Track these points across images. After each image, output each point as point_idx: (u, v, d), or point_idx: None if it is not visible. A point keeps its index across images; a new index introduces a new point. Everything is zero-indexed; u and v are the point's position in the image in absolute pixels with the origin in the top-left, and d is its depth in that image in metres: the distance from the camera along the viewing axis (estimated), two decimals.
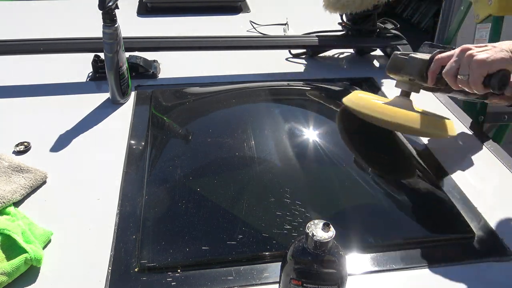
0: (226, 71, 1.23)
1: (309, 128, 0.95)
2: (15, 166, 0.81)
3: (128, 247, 0.69)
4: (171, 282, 0.64)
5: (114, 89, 1.04)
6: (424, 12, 5.24)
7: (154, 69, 1.19)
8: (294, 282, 0.54)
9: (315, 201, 0.78)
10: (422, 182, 0.85)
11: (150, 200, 0.77)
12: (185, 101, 1.06)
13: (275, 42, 1.27)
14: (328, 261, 0.53)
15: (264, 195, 0.78)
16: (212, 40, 1.23)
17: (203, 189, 0.79)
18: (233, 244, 0.69)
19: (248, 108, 1.05)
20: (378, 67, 1.31)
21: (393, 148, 0.95)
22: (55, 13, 1.60)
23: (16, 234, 0.65)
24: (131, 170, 0.84)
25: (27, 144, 0.90)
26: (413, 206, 0.79)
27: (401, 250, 0.70)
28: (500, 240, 0.73)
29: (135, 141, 0.93)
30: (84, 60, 1.18)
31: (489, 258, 0.70)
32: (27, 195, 0.78)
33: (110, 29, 0.97)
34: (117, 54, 1.00)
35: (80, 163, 0.87)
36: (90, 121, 0.99)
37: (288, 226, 0.72)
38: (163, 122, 0.98)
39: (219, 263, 0.67)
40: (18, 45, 1.16)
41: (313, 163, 0.86)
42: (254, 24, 1.53)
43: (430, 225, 0.75)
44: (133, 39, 1.17)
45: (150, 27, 1.50)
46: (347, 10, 1.23)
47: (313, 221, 0.53)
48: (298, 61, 1.32)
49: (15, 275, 0.62)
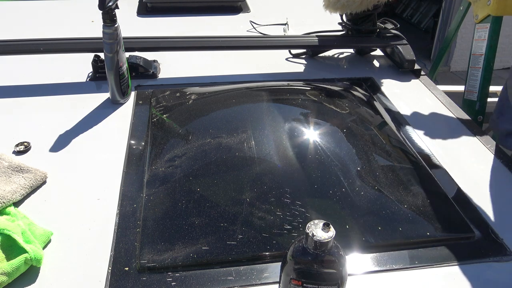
0: (226, 71, 1.23)
1: (309, 128, 0.95)
2: (15, 166, 0.81)
3: (128, 247, 0.69)
4: (171, 282, 0.64)
5: (114, 89, 1.04)
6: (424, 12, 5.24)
7: (154, 69, 1.19)
8: (294, 282, 0.54)
9: (315, 201, 0.78)
10: (422, 182, 0.85)
11: (150, 200, 0.77)
12: (185, 101, 1.06)
13: (275, 42, 1.27)
14: (328, 261, 0.53)
15: (264, 195, 0.78)
16: (212, 40, 1.23)
17: (203, 189, 0.79)
18: (233, 244, 0.69)
19: (248, 108, 1.04)
20: (378, 67, 1.31)
21: (393, 148, 0.95)
22: (55, 13, 1.60)
23: (16, 234, 0.65)
24: (131, 170, 0.84)
25: (27, 144, 0.90)
26: (413, 206, 0.79)
27: (401, 250, 0.71)
28: (500, 240, 0.73)
29: (135, 141, 0.93)
30: (84, 60, 1.18)
31: (489, 258, 0.70)
32: (27, 195, 0.78)
33: (110, 29, 0.97)
34: (117, 54, 1.00)
35: (80, 163, 0.87)
36: (90, 121, 0.99)
37: (288, 226, 0.72)
38: (163, 122, 0.98)
39: (219, 263, 0.67)
40: (18, 45, 1.16)
41: (313, 163, 0.86)
42: (254, 24, 1.53)
43: (430, 225, 0.76)
44: (133, 39, 1.17)
45: (150, 27, 1.50)
46: (347, 10, 1.23)
47: (313, 221, 0.53)
48: (298, 61, 1.32)
49: (15, 275, 0.63)
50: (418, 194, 0.82)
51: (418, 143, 0.96)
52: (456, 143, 0.96)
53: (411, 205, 0.79)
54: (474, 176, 0.87)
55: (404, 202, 0.79)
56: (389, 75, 1.24)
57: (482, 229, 0.75)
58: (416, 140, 0.97)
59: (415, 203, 0.80)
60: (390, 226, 0.74)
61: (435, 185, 0.84)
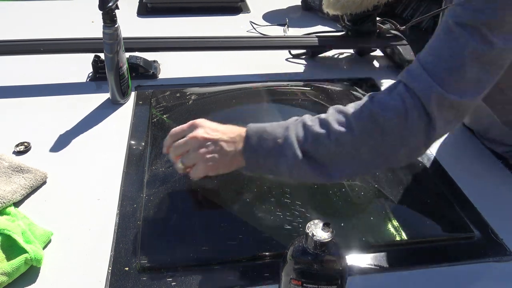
0: (226, 72, 1.23)
1: None
2: (15, 166, 0.81)
3: (128, 247, 0.69)
4: (171, 282, 0.64)
5: (114, 89, 1.04)
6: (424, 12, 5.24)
7: (154, 70, 1.19)
8: (294, 282, 0.54)
9: (315, 201, 0.78)
10: (422, 182, 0.85)
11: (150, 200, 0.77)
12: (185, 102, 1.06)
13: (275, 42, 1.27)
14: (328, 261, 0.53)
15: (264, 195, 0.78)
16: (212, 41, 1.23)
17: (203, 189, 0.79)
18: (233, 244, 0.69)
19: (248, 109, 1.04)
20: (378, 67, 1.31)
21: None
22: (55, 13, 1.60)
23: (16, 234, 0.65)
24: (131, 170, 0.84)
25: (27, 144, 0.90)
26: (413, 206, 0.79)
27: (401, 250, 0.71)
28: (500, 240, 0.73)
29: (135, 141, 0.93)
30: (84, 60, 1.18)
31: (489, 258, 0.70)
32: (27, 195, 0.78)
33: (110, 29, 0.97)
34: (117, 54, 1.00)
35: (80, 163, 0.87)
36: (90, 121, 0.99)
37: (288, 226, 0.72)
38: (163, 123, 0.98)
39: (219, 263, 0.67)
40: (18, 45, 1.16)
41: None
42: (254, 25, 1.53)
43: (430, 225, 0.76)
44: (133, 40, 1.17)
45: (150, 27, 1.50)
46: (347, 10, 1.23)
47: (313, 221, 0.53)
48: (298, 61, 1.32)
49: (15, 275, 0.63)
50: (417, 194, 0.82)
51: None
52: (455, 143, 0.96)
53: (411, 205, 0.79)
54: (474, 176, 0.87)
55: (403, 202, 0.79)
56: (389, 75, 1.24)
57: (482, 229, 0.75)
58: None
59: (415, 203, 0.80)
60: (390, 226, 0.74)
61: (435, 185, 0.84)
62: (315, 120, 0.67)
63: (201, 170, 0.70)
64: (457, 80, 0.62)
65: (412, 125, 0.62)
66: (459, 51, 0.61)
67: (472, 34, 0.60)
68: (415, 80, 0.63)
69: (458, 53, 0.61)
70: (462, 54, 0.61)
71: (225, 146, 0.69)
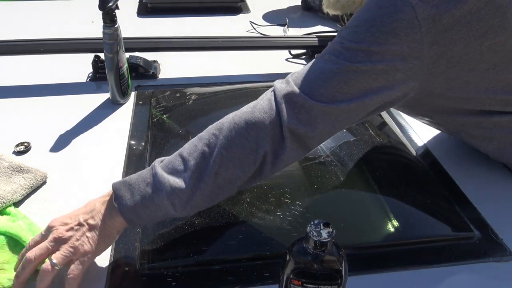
0: (226, 72, 1.23)
1: None
2: (15, 166, 0.81)
3: (128, 247, 0.69)
4: (171, 282, 0.64)
5: (114, 89, 1.04)
6: None
7: (154, 70, 1.19)
8: (294, 282, 0.54)
9: (315, 201, 0.78)
10: (422, 182, 0.85)
11: None
12: (185, 102, 1.06)
13: (275, 42, 1.27)
14: (328, 261, 0.53)
15: (264, 195, 0.78)
16: (212, 41, 1.23)
17: None
18: (233, 244, 0.69)
19: None
20: None
21: (392, 148, 0.95)
22: (55, 13, 1.60)
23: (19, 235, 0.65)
24: (131, 170, 0.84)
25: (27, 144, 0.90)
26: (413, 206, 0.79)
27: (401, 250, 0.71)
28: (500, 240, 0.73)
29: (135, 141, 0.93)
30: (84, 60, 1.18)
31: (489, 258, 0.70)
32: (27, 195, 0.78)
33: (110, 29, 0.97)
34: (117, 54, 1.00)
35: (80, 163, 0.87)
36: (90, 121, 0.99)
37: (288, 226, 0.72)
38: (163, 122, 0.98)
39: (219, 263, 0.67)
40: (18, 45, 1.16)
41: (312, 163, 0.86)
42: (254, 25, 1.53)
43: (430, 225, 0.76)
44: (133, 40, 1.18)
45: (150, 27, 1.50)
46: (347, 10, 1.23)
47: (313, 221, 0.53)
48: (298, 61, 1.32)
49: None
50: (417, 194, 0.82)
51: (418, 143, 0.96)
52: (455, 143, 0.96)
53: (411, 205, 0.79)
54: (474, 176, 0.87)
55: (403, 202, 0.79)
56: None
57: (482, 229, 0.75)
58: (415, 140, 0.97)
59: (415, 203, 0.80)
60: (389, 226, 0.74)
61: (435, 185, 0.84)
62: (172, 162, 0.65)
63: (84, 253, 0.61)
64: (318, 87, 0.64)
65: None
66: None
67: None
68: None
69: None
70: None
71: (91, 219, 0.63)
